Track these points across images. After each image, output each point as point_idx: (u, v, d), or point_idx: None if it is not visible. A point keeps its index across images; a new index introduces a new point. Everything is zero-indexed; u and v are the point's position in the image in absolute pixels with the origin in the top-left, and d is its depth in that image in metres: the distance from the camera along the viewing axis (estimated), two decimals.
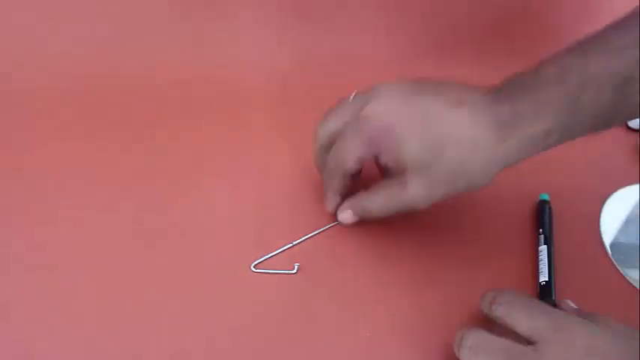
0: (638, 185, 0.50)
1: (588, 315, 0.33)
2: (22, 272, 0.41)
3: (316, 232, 0.43)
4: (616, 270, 0.44)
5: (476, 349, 0.32)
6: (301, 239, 0.43)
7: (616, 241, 0.46)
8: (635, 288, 0.43)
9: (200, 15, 0.57)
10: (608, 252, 0.46)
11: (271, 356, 0.37)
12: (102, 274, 0.41)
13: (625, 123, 0.55)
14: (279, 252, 0.42)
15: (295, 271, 0.41)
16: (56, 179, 0.47)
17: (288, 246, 0.42)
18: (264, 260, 0.41)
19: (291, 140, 0.51)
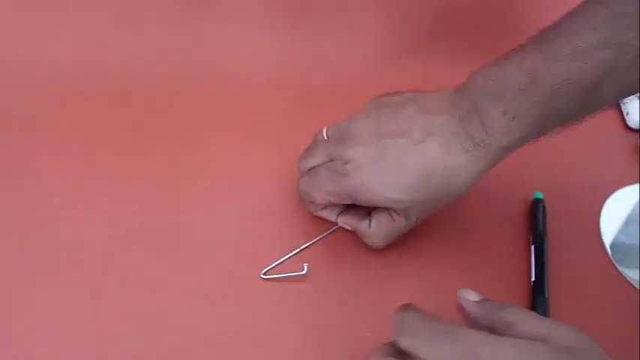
0: (638, 185, 0.50)
1: (500, 318, 0.30)
2: (22, 272, 0.41)
3: (323, 236, 0.44)
4: (616, 270, 0.44)
5: None
6: (309, 243, 0.43)
7: (616, 241, 0.46)
8: (635, 288, 0.43)
9: (200, 15, 0.56)
10: (608, 252, 0.45)
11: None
12: (102, 277, 0.41)
13: (625, 123, 0.55)
14: (288, 257, 0.42)
15: (305, 272, 0.41)
16: (56, 179, 0.47)
17: (296, 251, 0.42)
18: (273, 267, 0.41)
19: (292, 140, 0.51)
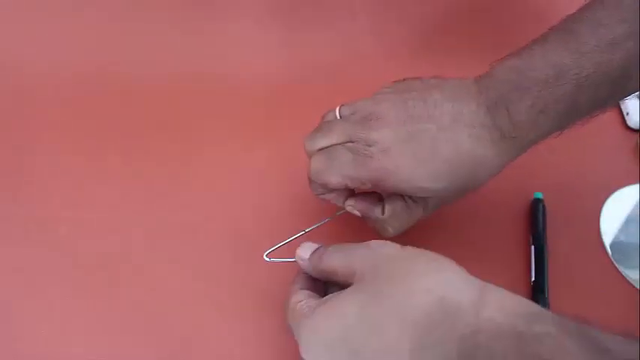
0: (638, 185, 0.50)
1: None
2: (22, 272, 0.41)
3: (328, 219, 0.42)
4: (616, 270, 0.44)
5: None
6: (313, 226, 0.41)
7: (616, 241, 0.46)
8: (635, 288, 0.43)
9: (200, 16, 0.57)
10: (608, 252, 0.45)
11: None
12: (103, 277, 0.41)
13: (625, 123, 0.55)
14: (292, 239, 0.40)
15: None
16: (56, 179, 0.47)
17: (300, 233, 0.40)
18: (277, 248, 0.40)
19: (293, 140, 0.51)
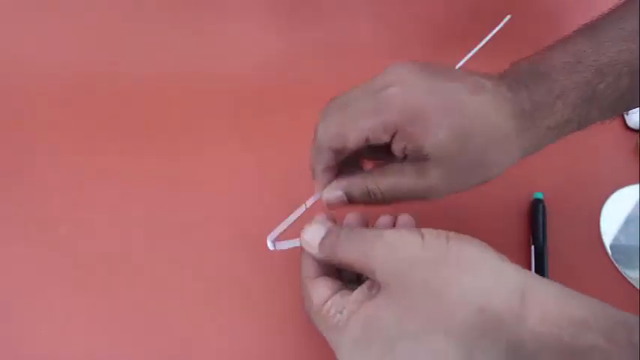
0: (637, 185, 0.50)
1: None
2: (22, 272, 0.41)
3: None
4: (616, 270, 0.44)
5: None
6: (313, 199, 0.37)
7: (616, 242, 0.46)
8: (635, 288, 0.43)
9: (200, 16, 0.56)
10: (608, 252, 0.46)
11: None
12: (103, 276, 0.41)
13: (625, 123, 0.55)
14: (295, 218, 0.36)
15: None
16: (56, 179, 0.47)
17: (301, 209, 0.36)
18: (281, 232, 0.36)
19: (294, 140, 0.51)
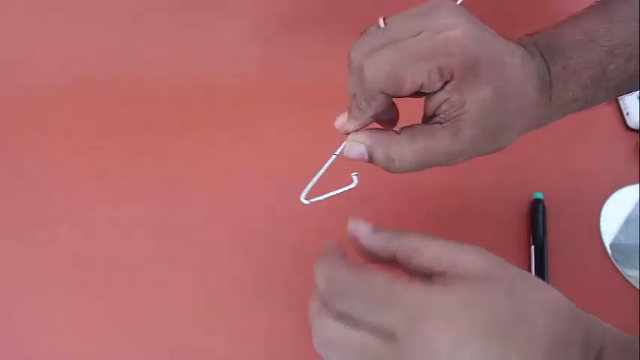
0: (637, 185, 0.50)
1: (401, 248, 0.27)
2: (23, 272, 0.41)
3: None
4: (616, 270, 0.44)
5: (325, 345, 0.26)
6: (340, 148, 0.33)
7: (616, 241, 0.46)
8: (635, 288, 0.43)
9: (199, 17, 0.57)
10: (608, 252, 0.45)
11: None
12: (103, 274, 0.41)
13: (625, 123, 0.55)
14: (324, 169, 0.33)
15: (356, 183, 0.32)
16: (56, 179, 0.47)
17: (332, 158, 0.33)
18: (311, 187, 0.33)
19: (291, 138, 0.51)
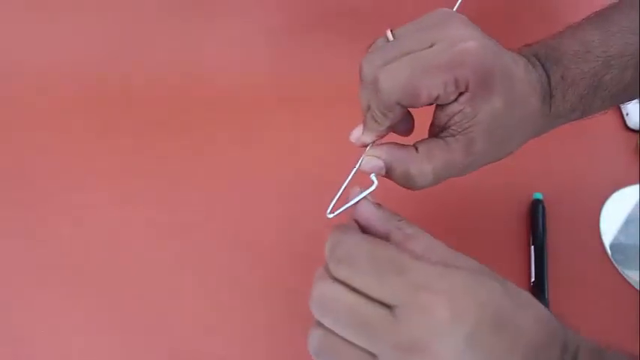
0: (637, 185, 0.50)
1: (400, 229, 0.27)
2: (23, 272, 0.41)
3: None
4: (616, 270, 0.44)
5: (321, 306, 0.25)
6: (360, 160, 0.32)
7: (616, 242, 0.46)
8: (635, 289, 0.43)
9: (199, 16, 0.57)
10: (607, 252, 0.45)
11: None
12: (103, 274, 0.41)
13: (625, 123, 0.55)
14: (344, 187, 0.32)
15: (376, 185, 0.30)
16: (56, 179, 0.47)
17: (353, 171, 0.31)
18: (335, 203, 0.31)
19: (291, 138, 0.51)
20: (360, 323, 0.24)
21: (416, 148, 0.31)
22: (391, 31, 0.30)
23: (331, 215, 0.31)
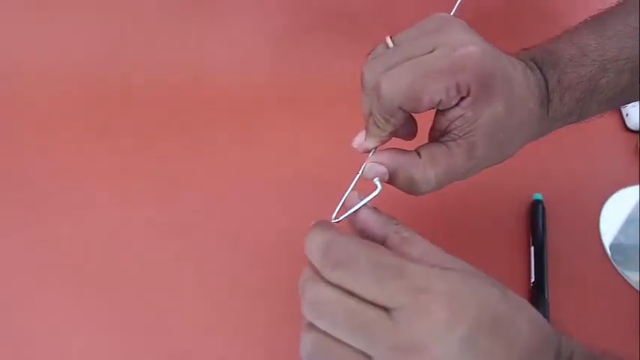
0: (637, 186, 0.50)
1: (397, 232, 0.27)
2: (23, 272, 0.41)
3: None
4: (616, 271, 0.44)
5: (315, 309, 0.25)
6: (363, 166, 0.32)
7: (616, 242, 0.46)
8: (634, 289, 0.43)
9: (199, 16, 0.57)
10: (607, 253, 0.45)
11: None
12: (103, 274, 0.41)
13: (624, 124, 0.55)
14: (347, 193, 0.31)
15: (380, 189, 0.30)
16: (56, 179, 0.47)
17: (356, 177, 0.31)
18: (339, 210, 0.31)
19: (291, 138, 0.51)
20: (358, 326, 0.24)
21: (418, 154, 0.31)
22: (391, 38, 0.31)
23: (336, 221, 0.31)
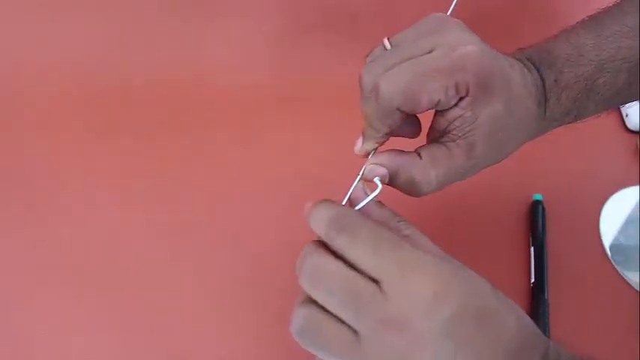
0: (637, 187, 0.50)
1: (397, 228, 0.28)
2: (23, 272, 0.41)
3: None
4: (615, 271, 0.44)
5: (314, 278, 0.26)
6: (362, 169, 0.31)
7: (616, 243, 0.46)
8: (634, 289, 0.43)
9: (199, 16, 0.57)
10: (607, 253, 0.45)
11: None
12: (103, 274, 0.41)
13: (624, 125, 0.55)
14: (348, 196, 0.31)
15: (381, 188, 0.30)
16: (56, 179, 0.47)
17: (357, 180, 0.31)
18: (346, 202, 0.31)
19: (291, 138, 0.51)
20: (353, 296, 0.24)
21: (419, 155, 0.31)
22: (388, 40, 0.31)
23: None
